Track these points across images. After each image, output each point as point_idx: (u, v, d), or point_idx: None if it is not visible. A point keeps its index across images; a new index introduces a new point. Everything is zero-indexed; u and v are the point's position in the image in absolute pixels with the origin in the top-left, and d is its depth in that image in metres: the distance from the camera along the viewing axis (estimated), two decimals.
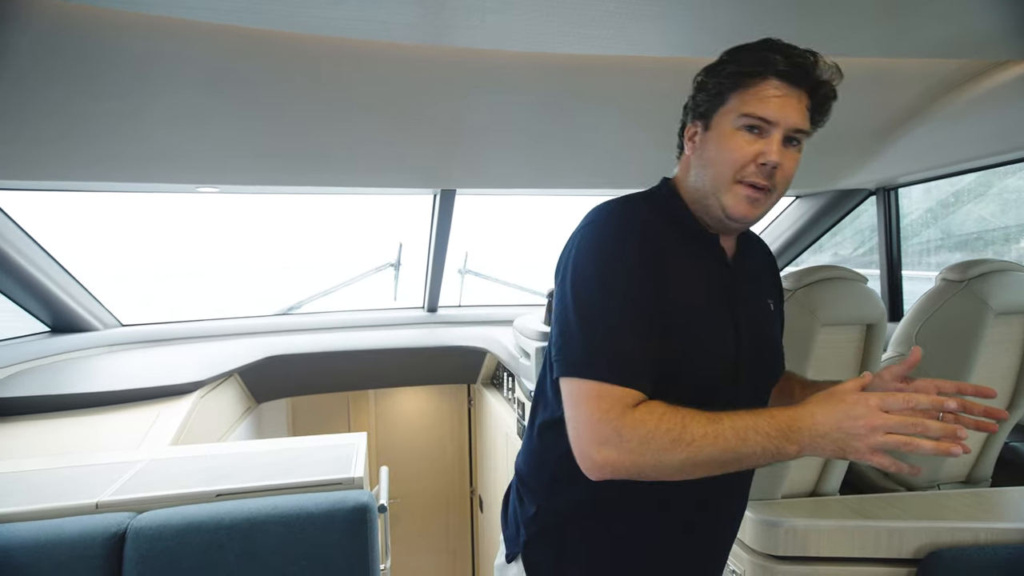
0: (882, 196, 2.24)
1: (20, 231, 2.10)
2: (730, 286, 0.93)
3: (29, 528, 1.34)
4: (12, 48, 1.38)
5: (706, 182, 0.87)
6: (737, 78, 0.84)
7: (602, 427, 0.77)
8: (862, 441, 0.70)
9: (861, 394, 0.72)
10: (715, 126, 0.86)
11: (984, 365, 1.39)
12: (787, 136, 0.84)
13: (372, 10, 1.27)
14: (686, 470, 0.76)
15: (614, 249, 0.83)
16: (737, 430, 0.74)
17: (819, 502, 1.39)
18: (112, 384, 2.14)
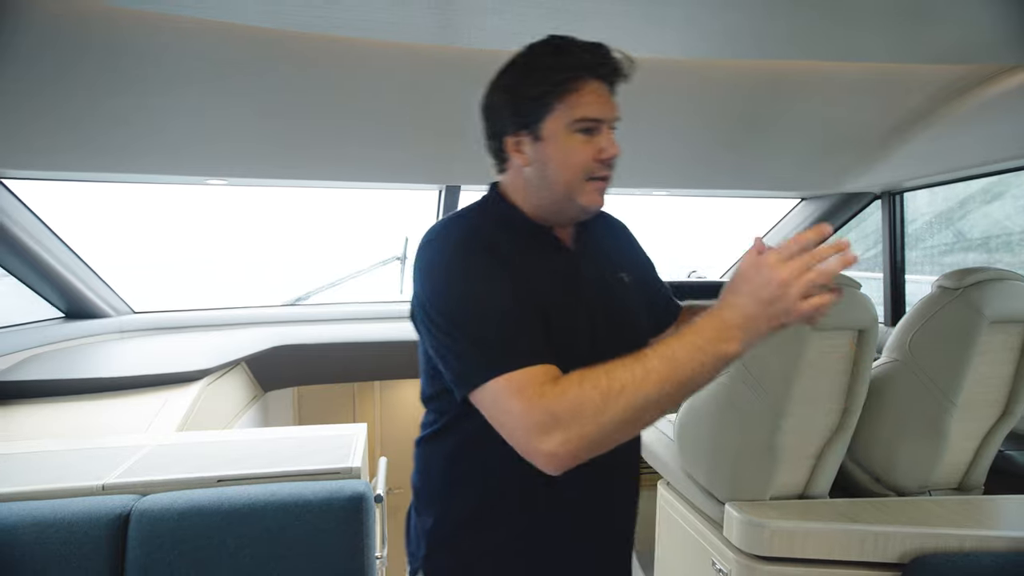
0: (887, 200, 2.23)
1: (37, 220, 2.16)
2: (574, 270, 0.96)
3: (37, 507, 1.40)
4: (31, 45, 1.43)
5: (557, 189, 0.90)
6: (560, 86, 0.86)
7: (532, 414, 0.74)
8: (787, 299, 0.69)
9: (758, 260, 0.71)
10: (548, 135, 0.88)
11: (978, 373, 1.39)
12: (611, 128, 0.91)
13: (380, 11, 1.30)
14: (634, 420, 0.73)
15: (460, 258, 0.86)
16: (665, 357, 0.72)
17: (807, 504, 1.40)
18: (122, 370, 2.20)
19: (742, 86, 1.81)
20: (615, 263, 1.04)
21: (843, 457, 1.58)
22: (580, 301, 0.94)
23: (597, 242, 1.04)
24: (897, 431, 1.45)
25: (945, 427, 1.40)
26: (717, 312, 0.73)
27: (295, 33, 1.52)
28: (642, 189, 2.46)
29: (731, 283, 0.74)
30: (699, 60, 1.65)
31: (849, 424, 1.38)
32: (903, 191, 2.19)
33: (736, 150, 2.16)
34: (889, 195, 2.22)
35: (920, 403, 1.41)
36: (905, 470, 1.46)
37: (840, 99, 1.82)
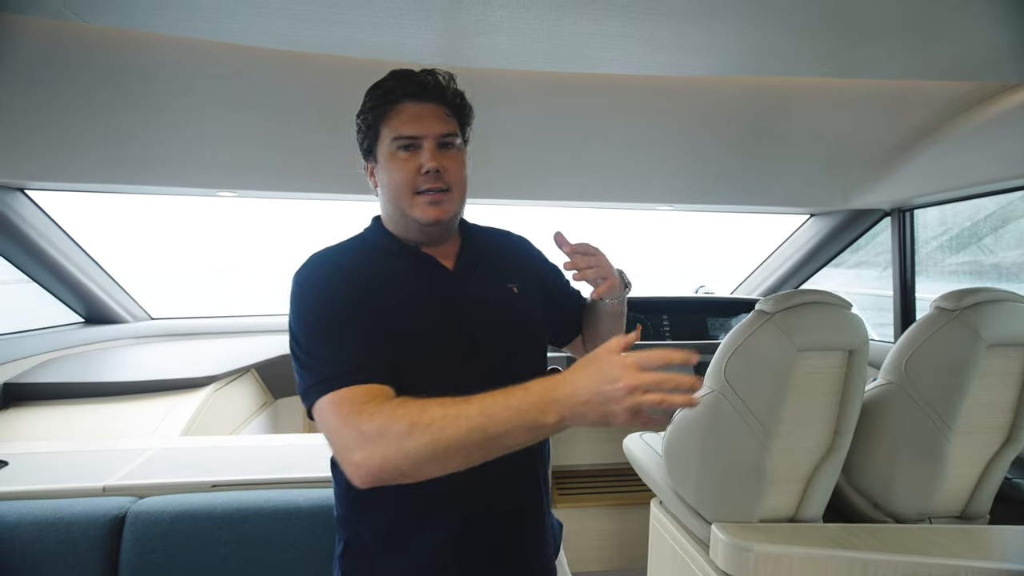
0: (897, 217, 2.18)
1: (58, 229, 2.25)
2: (452, 287, 0.98)
3: (39, 506, 1.45)
4: (53, 67, 1.51)
5: (395, 206, 0.96)
6: (378, 112, 0.94)
7: (345, 431, 0.76)
8: (620, 404, 0.68)
9: (619, 355, 0.70)
10: (380, 158, 0.95)
11: (978, 398, 1.35)
12: (439, 143, 0.94)
13: (387, 34, 1.35)
14: (437, 457, 0.72)
15: (309, 286, 0.91)
16: (484, 407, 0.72)
17: (798, 528, 1.37)
18: (134, 375, 2.27)
19: (747, 102, 1.80)
20: (503, 276, 1.07)
21: (837, 481, 1.54)
22: (456, 317, 0.96)
23: (483, 258, 1.06)
24: (893, 455, 1.42)
25: (943, 452, 1.36)
26: (556, 380, 0.73)
27: (306, 56, 1.58)
28: (647, 204, 2.45)
29: (587, 359, 0.73)
30: (704, 77, 1.66)
31: (841, 446, 1.35)
32: (913, 208, 2.14)
33: (742, 165, 2.14)
34: (899, 212, 2.17)
35: (916, 427, 1.37)
36: (902, 496, 1.42)
37: (846, 115, 1.81)
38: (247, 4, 1.26)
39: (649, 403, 0.68)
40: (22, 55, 1.49)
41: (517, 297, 1.06)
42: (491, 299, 1.02)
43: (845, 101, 1.73)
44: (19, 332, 2.29)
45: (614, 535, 2.19)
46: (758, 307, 1.33)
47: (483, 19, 1.28)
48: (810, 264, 2.67)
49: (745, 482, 1.33)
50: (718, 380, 1.33)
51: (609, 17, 1.24)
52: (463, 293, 0.99)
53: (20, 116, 1.67)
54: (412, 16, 1.28)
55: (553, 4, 1.20)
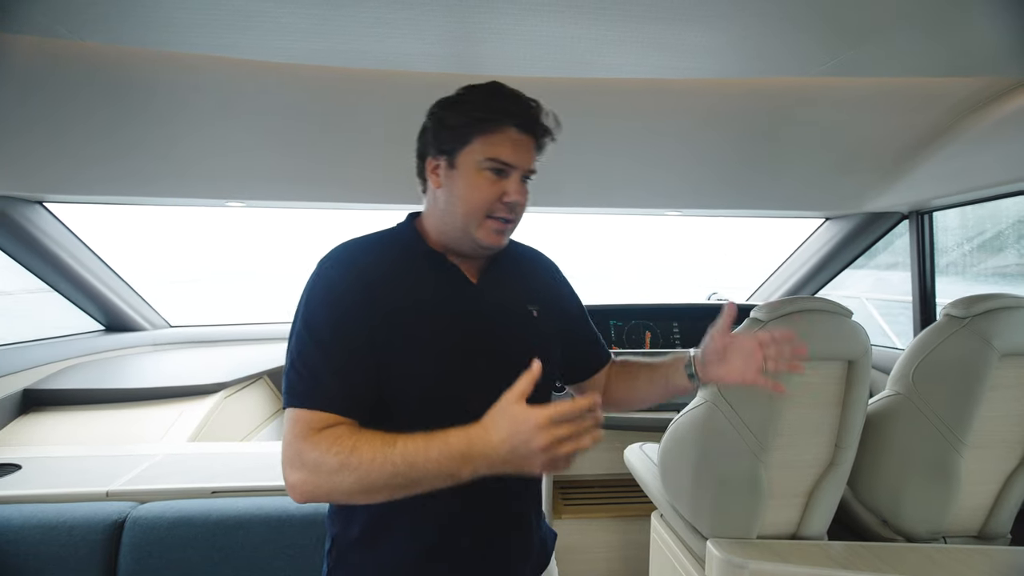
0: (915, 220, 2.09)
1: (77, 240, 2.33)
2: (472, 303, 0.97)
3: (44, 510, 1.49)
4: (67, 84, 1.58)
5: (457, 217, 0.93)
6: (481, 123, 0.91)
7: (290, 449, 0.82)
8: (537, 459, 0.72)
9: (530, 412, 0.72)
10: (461, 165, 0.92)
11: (990, 410, 1.27)
12: (523, 176, 0.94)
13: (399, 43, 1.37)
14: (362, 492, 0.78)
15: (319, 294, 0.90)
16: (406, 454, 0.76)
17: (798, 546, 1.31)
18: (149, 381, 2.33)
19: (755, 104, 1.76)
20: (525, 297, 1.05)
21: (845, 496, 1.48)
22: (472, 330, 0.94)
23: (509, 276, 1.05)
24: (901, 470, 1.35)
25: (954, 468, 1.28)
26: (473, 434, 0.76)
27: (311, 69, 1.61)
28: (655, 209, 2.41)
29: (499, 411, 0.76)
30: (710, 80, 1.63)
31: (843, 461, 1.29)
32: (931, 211, 2.04)
33: (751, 168, 2.09)
34: (917, 215, 2.08)
35: (925, 440, 1.30)
36: (913, 513, 1.35)
37: (855, 116, 1.75)
38: (260, 20, 1.29)
39: (563, 454, 0.72)
40: (37, 75, 1.56)
41: (534, 321, 1.04)
42: (508, 318, 1.00)
43: (854, 101, 1.68)
44: (40, 340, 2.38)
45: (618, 547, 2.14)
46: (752, 315, 1.29)
47: (487, 26, 1.29)
48: (827, 269, 2.58)
49: (741, 496, 1.28)
50: (711, 391, 1.29)
51: (606, 21, 1.23)
52: (481, 308, 0.97)
53: (37, 132, 1.74)
54: (418, 26, 1.29)
55: (555, 10, 1.19)
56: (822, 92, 1.67)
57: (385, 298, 0.90)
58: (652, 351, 2.52)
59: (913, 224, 2.10)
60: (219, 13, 1.28)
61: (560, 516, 2.18)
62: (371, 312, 0.88)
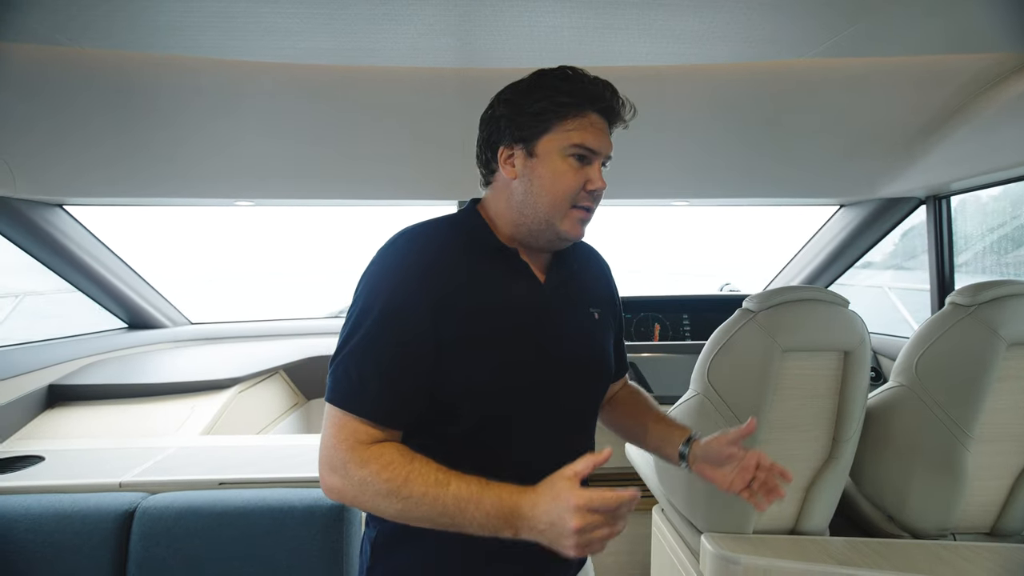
0: (932, 205, 2.00)
1: (97, 241, 2.42)
2: (542, 302, 0.93)
3: (60, 500, 1.56)
4: (81, 92, 1.64)
5: (540, 208, 0.89)
6: (563, 108, 0.87)
7: (335, 455, 0.80)
8: (570, 540, 0.71)
9: (571, 492, 0.71)
10: (542, 153, 0.88)
11: (998, 402, 1.22)
12: (603, 163, 0.91)
13: (406, 41, 1.38)
14: (401, 518, 0.78)
15: (394, 286, 0.84)
16: (459, 500, 0.75)
17: (796, 541, 1.28)
18: (167, 377, 2.41)
19: (760, 89, 1.72)
20: (588, 297, 1.02)
21: (849, 491, 1.44)
22: (540, 333, 0.90)
23: (574, 274, 1.01)
24: (905, 465, 1.30)
25: (960, 462, 1.24)
26: (523, 498, 0.75)
27: (316, 68, 1.63)
28: (662, 200, 2.37)
29: (548, 484, 0.75)
30: (715, 65, 1.59)
31: (841, 455, 1.25)
32: (948, 195, 1.96)
33: (760, 155, 2.04)
34: (934, 199, 1.99)
35: (929, 434, 1.26)
36: (918, 509, 1.30)
37: (864, 99, 1.69)
38: (266, 22, 1.32)
39: (597, 541, 0.71)
40: (54, 84, 1.62)
41: (597, 324, 1.01)
42: (576, 322, 0.97)
43: (862, 84, 1.62)
44: (66, 337, 2.48)
45: (624, 541, 2.13)
46: (744, 305, 1.26)
47: (491, 20, 1.29)
48: (844, 257, 2.50)
49: None
50: (701, 382, 1.27)
51: (604, 10, 1.22)
52: (548, 310, 0.93)
53: (54, 138, 1.81)
54: (423, 22, 1.30)
55: (558, 1, 1.18)
56: (827, 75, 1.61)
57: (455, 296, 0.85)
58: (663, 343, 2.48)
59: (930, 209, 2.01)
60: (223, 17, 1.31)
61: None
62: (433, 309, 0.83)
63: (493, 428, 0.87)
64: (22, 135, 1.76)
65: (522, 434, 0.88)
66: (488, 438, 0.87)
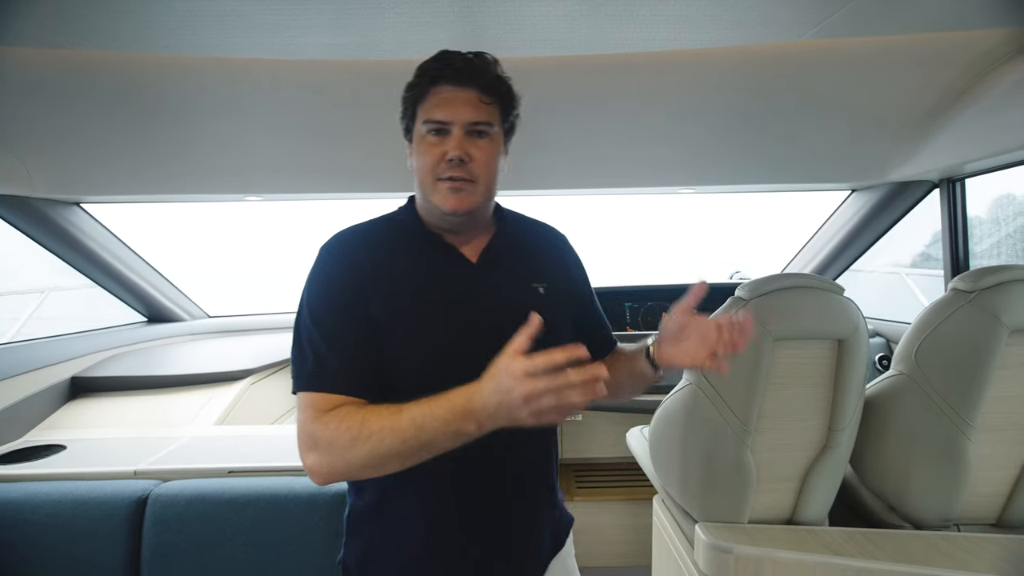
0: (946, 188, 1.94)
1: (114, 238, 2.50)
2: (470, 281, 0.96)
3: (77, 487, 1.62)
4: (93, 94, 1.69)
5: (420, 188, 0.96)
6: (415, 91, 0.94)
7: (303, 434, 0.85)
8: (522, 410, 0.72)
9: (511, 362, 0.72)
10: (414, 138, 0.95)
11: (1001, 390, 1.19)
12: (469, 131, 0.91)
13: (415, 33, 1.41)
14: (376, 465, 0.80)
15: (319, 283, 0.93)
16: (414, 418, 0.78)
17: (791, 531, 1.27)
18: (184, 369, 2.48)
19: (765, 73, 1.68)
20: (531, 274, 1.02)
21: (848, 481, 1.43)
22: (469, 312, 0.93)
23: (512, 253, 1.02)
24: (905, 454, 1.28)
25: (961, 452, 1.21)
26: (472, 390, 0.77)
27: (318, 64, 1.65)
28: (667, 188, 2.34)
29: (493, 369, 0.76)
30: (719, 49, 1.56)
31: (837, 444, 1.24)
32: (963, 177, 1.89)
33: (765, 139, 2.00)
34: (948, 182, 1.93)
35: (929, 423, 1.23)
36: (919, 499, 1.28)
37: (868, 78, 1.64)
38: (278, 21, 1.34)
39: (547, 405, 0.70)
40: (63, 87, 1.67)
41: (541, 298, 1.01)
42: (510, 298, 0.98)
43: (865, 63, 1.57)
44: (88, 331, 2.57)
45: (627, 530, 2.14)
46: (736, 293, 1.24)
47: (496, 10, 1.29)
48: (856, 243, 2.44)
49: (728, 480, 1.26)
50: (693, 372, 1.26)
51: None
52: (481, 289, 0.96)
53: (69, 138, 1.87)
54: (428, 14, 1.30)
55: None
56: (827, 57, 1.57)
57: (382, 283, 0.91)
58: None
59: (944, 192, 1.95)
60: (224, 16, 1.33)
61: (573, 498, 2.19)
62: (368, 297, 0.90)
63: None
64: (38, 136, 1.82)
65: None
66: None
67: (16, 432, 2.03)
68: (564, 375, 0.70)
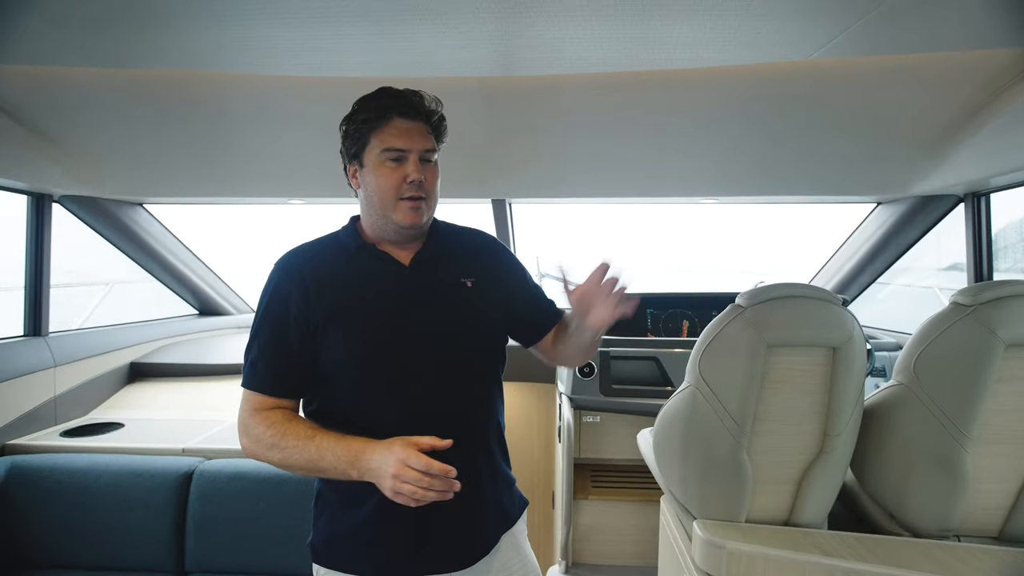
0: (971, 202, 1.92)
1: (172, 237, 2.72)
2: (400, 281, 1.10)
3: (132, 460, 1.81)
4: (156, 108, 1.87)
5: (376, 207, 1.07)
6: (370, 123, 1.06)
7: (240, 422, 1.06)
8: (387, 482, 0.92)
9: (403, 447, 0.92)
10: (367, 163, 1.07)
11: (999, 404, 1.20)
12: (422, 157, 1.06)
13: (449, 52, 1.51)
14: (287, 468, 1.02)
15: (264, 295, 1.08)
16: (320, 448, 0.98)
17: (786, 532, 1.31)
18: (229, 359, 2.68)
19: (784, 89, 1.73)
20: (460, 271, 1.15)
21: (851, 488, 1.46)
22: (400, 308, 1.08)
23: (442, 255, 1.16)
24: (904, 463, 1.30)
25: (958, 462, 1.23)
26: (367, 446, 0.96)
27: (363, 81, 1.77)
28: (694, 197, 2.39)
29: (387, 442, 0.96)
30: (741, 66, 1.62)
31: (832, 449, 1.28)
32: (988, 192, 1.87)
33: (790, 152, 2.03)
34: (973, 197, 1.91)
35: (926, 433, 1.25)
36: (917, 508, 1.30)
37: (890, 93, 1.67)
38: (321, 45, 1.47)
39: (407, 492, 0.91)
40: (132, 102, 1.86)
41: (470, 291, 1.14)
42: (438, 291, 1.12)
43: (887, 78, 1.60)
44: (146, 321, 2.80)
45: (642, 530, 2.19)
46: (737, 300, 1.30)
47: (532, 31, 1.37)
48: (882, 256, 2.42)
49: (725, 479, 1.31)
50: (694, 374, 1.32)
51: (634, 20, 1.28)
52: (410, 286, 1.10)
53: (135, 146, 2.07)
54: (470, 34, 1.40)
55: (595, 12, 1.25)
56: (844, 73, 1.60)
57: (324, 290, 1.05)
58: (690, 339, 2.50)
59: (969, 206, 1.94)
60: (280, 40, 1.46)
61: (587, 497, 2.26)
62: (307, 308, 1.04)
63: (365, 395, 1.05)
64: (108, 144, 2.03)
65: (386, 399, 1.05)
66: (363, 403, 1.06)
67: (82, 410, 2.25)
68: (429, 479, 0.90)
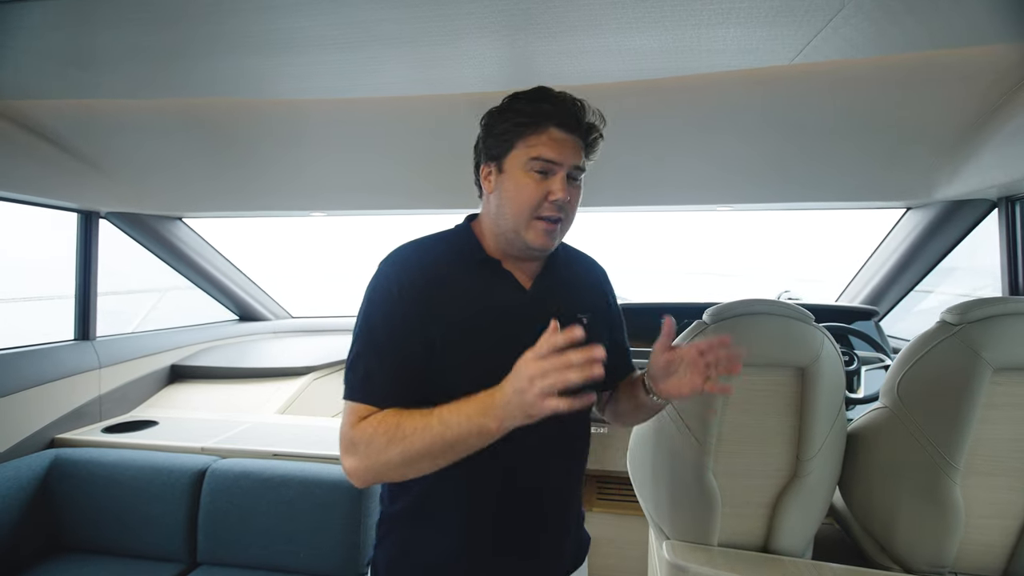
0: (1004, 207, 1.76)
1: (211, 248, 2.92)
2: (523, 309, 0.98)
3: (154, 456, 1.96)
4: (190, 130, 2.02)
5: (507, 219, 0.96)
6: (523, 127, 0.94)
7: (344, 439, 0.90)
8: (530, 393, 0.75)
9: (524, 357, 0.78)
10: (508, 169, 0.95)
11: (989, 432, 1.10)
12: (570, 174, 0.95)
13: (466, 70, 1.52)
14: (409, 463, 0.84)
15: (379, 297, 0.94)
16: (443, 417, 0.82)
17: (758, 558, 1.26)
18: (261, 363, 2.84)
19: (809, 91, 1.65)
20: (577, 304, 1.05)
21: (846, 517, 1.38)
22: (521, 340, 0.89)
23: (561, 282, 1.05)
24: (892, 494, 1.22)
25: (948, 494, 1.14)
26: (492, 392, 0.81)
27: (387, 100, 1.82)
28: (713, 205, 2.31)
29: (510, 375, 0.80)
30: (759, 69, 1.57)
31: (805, 474, 1.21)
32: (1023, 196, 1.71)
33: (810, 158, 1.93)
34: (1007, 201, 1.74)
35: (912, 461, 1.17)
36: (907, 541, 1.22)
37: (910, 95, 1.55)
38: (348, 71, 1.50)
39: (551, 385, 0.75)
40: (169, 126, 2.00)
41: (585, 329, 0.99)
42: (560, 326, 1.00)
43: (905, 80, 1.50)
44: (188, 325, 3.02)
45: (644, 544, 2.14)
46: (703, 317, 1.26)
47: (554, 47, 1.37)
48: (916, 265, 2.25)
49: (693, 501, 1.27)
50: None
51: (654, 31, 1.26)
52: (531, 317, 0.95)
53: (174, 167, 2.23)
54: (486, 51, 1.38)
55: (613, 23, 1.23)
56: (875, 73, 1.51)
57: (441, 305, 0.93)
58: None
59: (1003, 211, 1.77)
60: (305, 67, 1.52)
61: (592, 509, 2.23)
62: (426, 318, 0.92)
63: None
64: (147, 165, 2.21)
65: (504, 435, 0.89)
66: None
67: (125, 408, 2.46)
68: (565, 356, 0.75)
